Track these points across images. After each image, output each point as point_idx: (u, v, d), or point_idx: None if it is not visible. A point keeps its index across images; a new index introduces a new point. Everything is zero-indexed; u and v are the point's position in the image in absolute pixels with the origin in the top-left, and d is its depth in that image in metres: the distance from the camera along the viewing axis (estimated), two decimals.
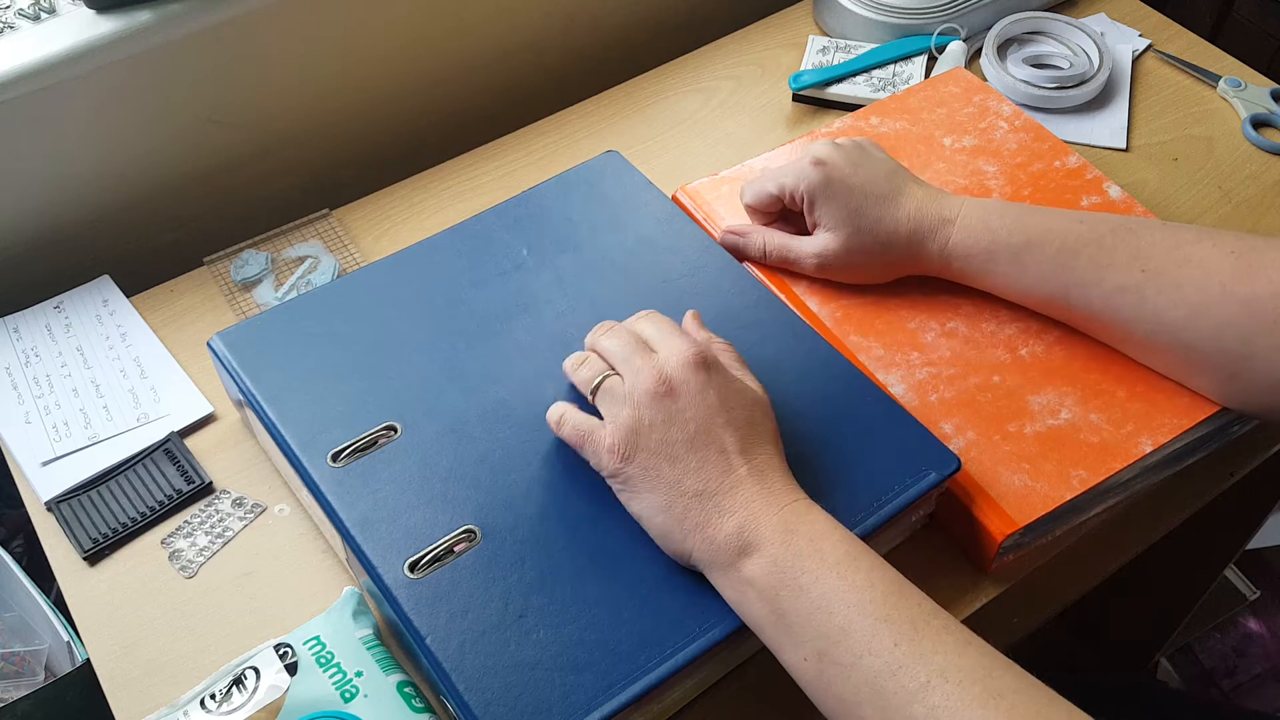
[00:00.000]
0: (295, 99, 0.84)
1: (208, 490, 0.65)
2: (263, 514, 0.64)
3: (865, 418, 0.60)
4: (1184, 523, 0.69)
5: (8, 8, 0.72)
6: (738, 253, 0.70)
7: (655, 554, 0.54)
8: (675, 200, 0.75)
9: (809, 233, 0.68)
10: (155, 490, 0.65)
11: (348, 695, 0.53)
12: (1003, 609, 0.61)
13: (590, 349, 0.58)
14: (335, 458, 0.58)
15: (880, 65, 0.88)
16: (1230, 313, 0.58)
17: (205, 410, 0.69)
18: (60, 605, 0.69)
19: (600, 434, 0.53)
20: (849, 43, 0.91)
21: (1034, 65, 0.88)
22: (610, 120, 0.88)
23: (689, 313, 0.60)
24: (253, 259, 0.77)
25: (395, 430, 0.59)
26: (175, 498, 0.64)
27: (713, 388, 0.53)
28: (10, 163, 0.74)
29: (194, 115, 0.80)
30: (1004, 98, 0.81)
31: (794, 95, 0.88)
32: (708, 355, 0.54)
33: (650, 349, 0.55)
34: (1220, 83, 0.88)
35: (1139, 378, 0.64)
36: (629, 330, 0.56)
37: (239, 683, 0.54)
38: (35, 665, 0.77)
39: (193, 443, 0.67)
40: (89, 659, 0.59)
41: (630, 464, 0.52)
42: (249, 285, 0.76)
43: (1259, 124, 0.85)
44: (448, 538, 0.55)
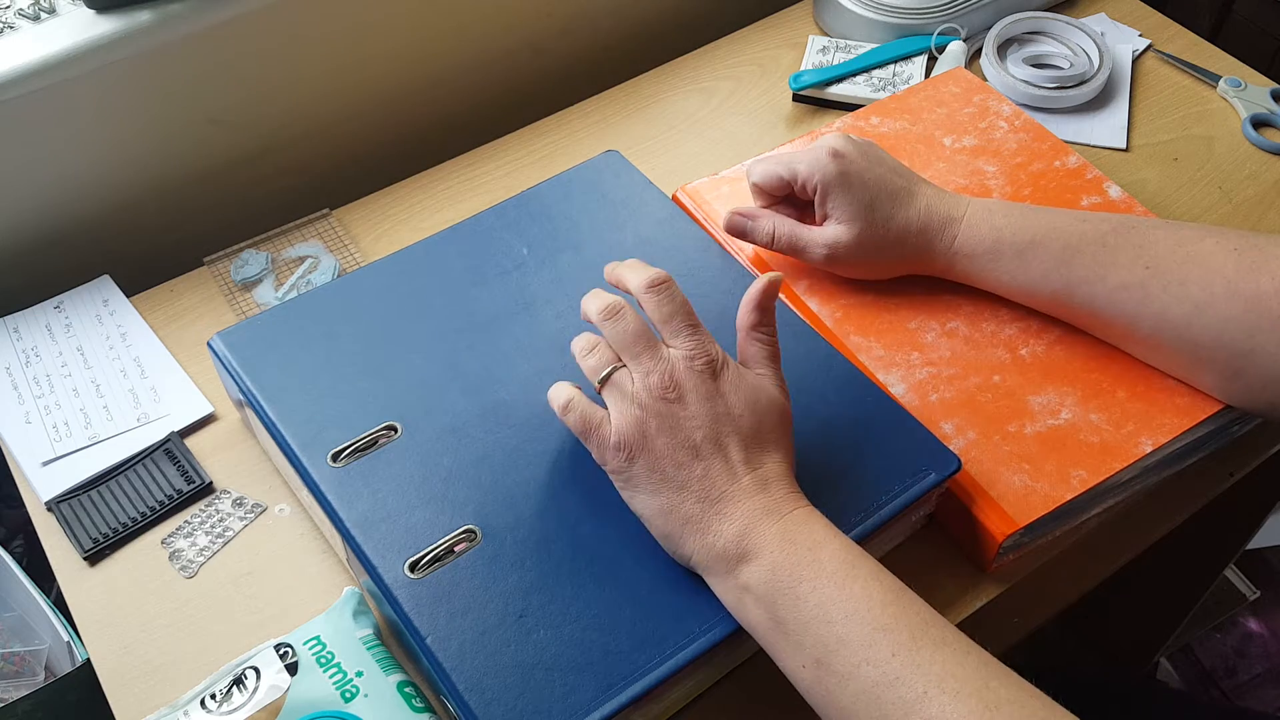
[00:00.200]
0: (295, 99, 0.84)
1: (208, 490, 0.65)
2: (263, 514, 0.64)
3: (865, 418, 0.60)
4: (1184, 523, 0.69)
5: (8, 8, 0.72)
6: (744, 235, 0.68)
7: (655, 555, 0.54)
8: (675, 200, 0.75)
9: (813, 222, 0.68)
10: (155, 490, 0.65)
11: (348, 695, 0.53)
12: (1003, 609, 0.61)
13: (599, 318, 0.54)
14: (335, 458, 0.58)
15: (880, 65, 0.88)
16: (1234, 310, 0.58)
17: (205, 410, 0.69)
18: (60, 605, 0.69)
19: (606, 429, 0.52)
20: (849, 43, 0.91)
21: (1034, 65, 0.88)
22: (610, 120, 0.88)
23: (759, 285, 0.55)
24: (253, 259, 0.77)
25: (395, 430, 0.59)
26: (175, 498, 0.64)
27: (720, 394, 0.52)
28: (10, 163, 0.74)
29: (194, 115, 0.80)
30: (1004, 98, 0.81)
31: (794, 95, 0.88)
32: (715, 357, 0.53)
33: (660, 342, 0.53)
34: (1220, 83, 0.88)
35: (1139, 377, 0.64)
36: (637, 318, 0.54)
37: (239, 683, 0.54)
38: (35, 665, 0.77)
39: (193, 443, 0.67)
40: (89, 659, 0.59)
41: (634, 464, 0.52)
42: (249, 285, 0.76)
43: (1259, 124, 0.85)
44: (448, 538, 0.55)
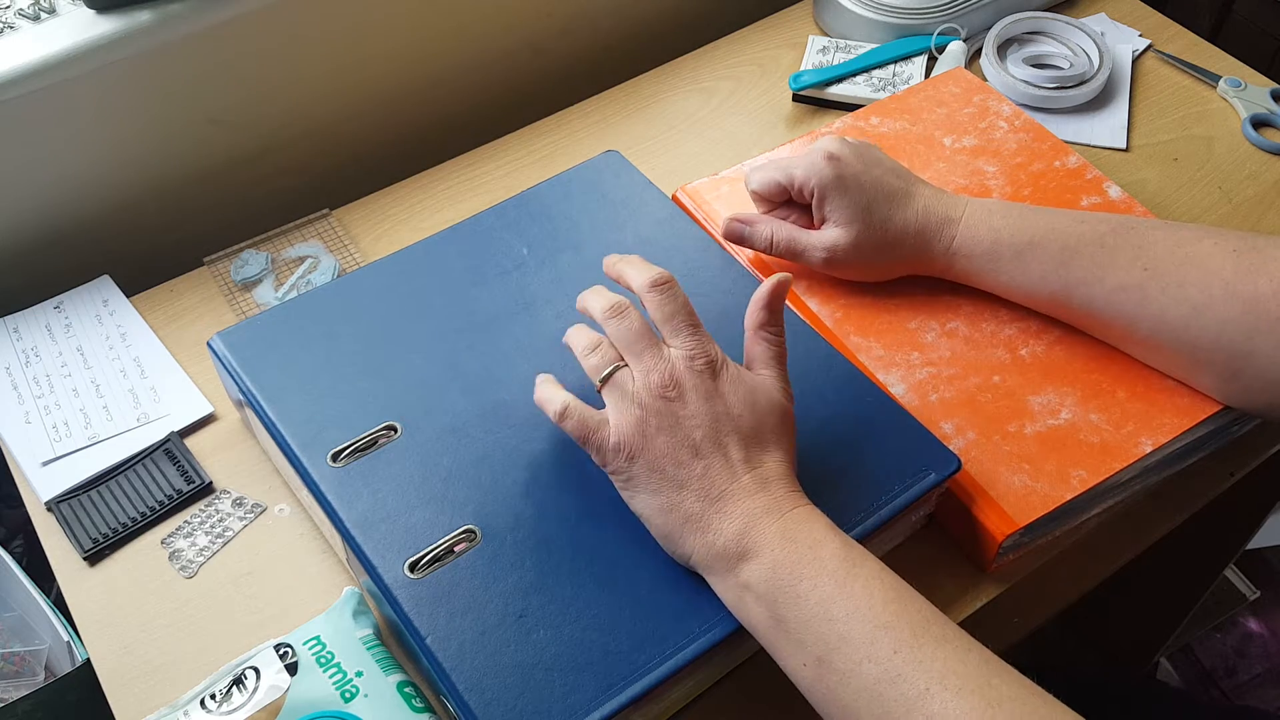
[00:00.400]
0: (295, 99, 0.84)
1: (208, 490, 0.65)
2: (263, 514, 0.64)
3: (865, 418, 0.60)
4: (1184, 523, 0.69)
5: (8, 8, 0.72)
6: (742, 242, 0.68)
7: (655, 554, 0.54)
8: (675, 200, 0.75)
9: (813, 225, 0.68)
10: (155, 490, 0.65)
11: (348, 695, 0.53)
12: (1003, 609, 0.61)
13: (603, 316, 0.54)
14: (335, 458, 0.58)
15: (880, 65, 0.88)
16: (1232, 311, 0.58)
17: (205, 410, 0.69)
18: (60, 605, 0.69)
19: (604, 432, 0.53)
20: (849, 43, 0.91)
21: (1034, 65, 0.88)
22: (610, 120, 0.88)
23: (769, 284, 0.55)
24: (253, 259, 0.77)
25: (395, 430, 0.59)
26: (175, 498, 0.64)
27: (720, 393, 0.52)
28: (10, 163, 0.74)
29: (194, 115, 0.80)
30: (1004, 98, 0.81)
31: (794, 95, 0.88)
32: (715, 357, 0.53)
33: (660, 341, 0.54)
34: (1220, 83, 0.88)
35: (1139, 378, 0.64)
36: (640, 317, 0.54)
37: (239, 683, 0.54)
38: (35, 665, 0.77)
39: (193, 443, 0.67)
40: (89, 659, 0.59)
41: (634, 464, 0.52)
42: (249, 285, 0.76)
43: (1259, 124, 0.85)
44: (448, 538, 0.55)
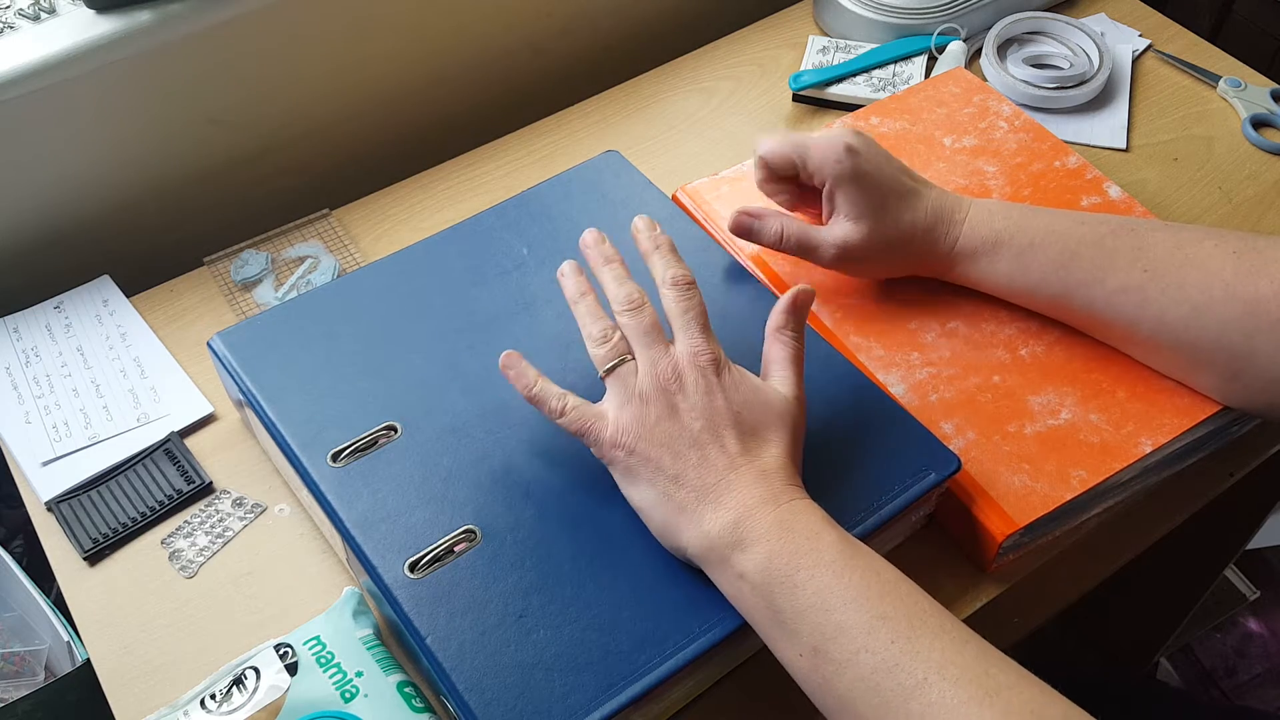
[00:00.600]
0: (295, 99, 0.84)
1: (208, 490, 0.65)
2: (263, 514, 0.64)
3: (865, 418, 0.60)
4: (1184, 523, 0.69)
5: (8, 8, 0.72)
6: (750, 235, 0.67)
7: (655, 554, 0.54)
8: (675, 200, 0.75)
9: (814, 216, 0.67)
10: (155, 490, 0.65)
11: (348, 695, 0.53)
12: (1003, 609, 0.61)
13: (619, 306, 0.56)
14: (335, 458, 0.58)
15: (880, 65, 0.88)
16: (1233, 312, 0.58)
17: (205, 410, 0.69)
18: (60, 605, 0.69)
19: (603, 424, 0.53)
20: (849, 43, 0.91)
21: (1034, 65, 0.88)
22: (610, 120, 0.88)
23: (794, 292, 0.57)
24: (253, 259, 0.77)
25: (395, 430, 0.59)
26: (175, 498, 0.64)
27: (721, 390, 0.53)
28: (10, 163, 0.74)
29: (194, 115, 0.80)
30: (1004, 98, 0.81)
31: (794, 95, 0.88)
32: (720, 358, 0.54)
33: (668, 341, 0.55)
34: (1220, 83, 0.88)
35: (1139, 378, 0.64)
36: (654, 313, 0.55)
37: (239, 683, 0.54)
38: (35, 665, 0.77)
39: (193, 443, 0.67)
40: (89, 659, 0.59)
41: (632, 455, 0.53)
42: (249, 285, 0.76)
43: (1259, 124, 0.85)
44: (448, 538, 0.55)
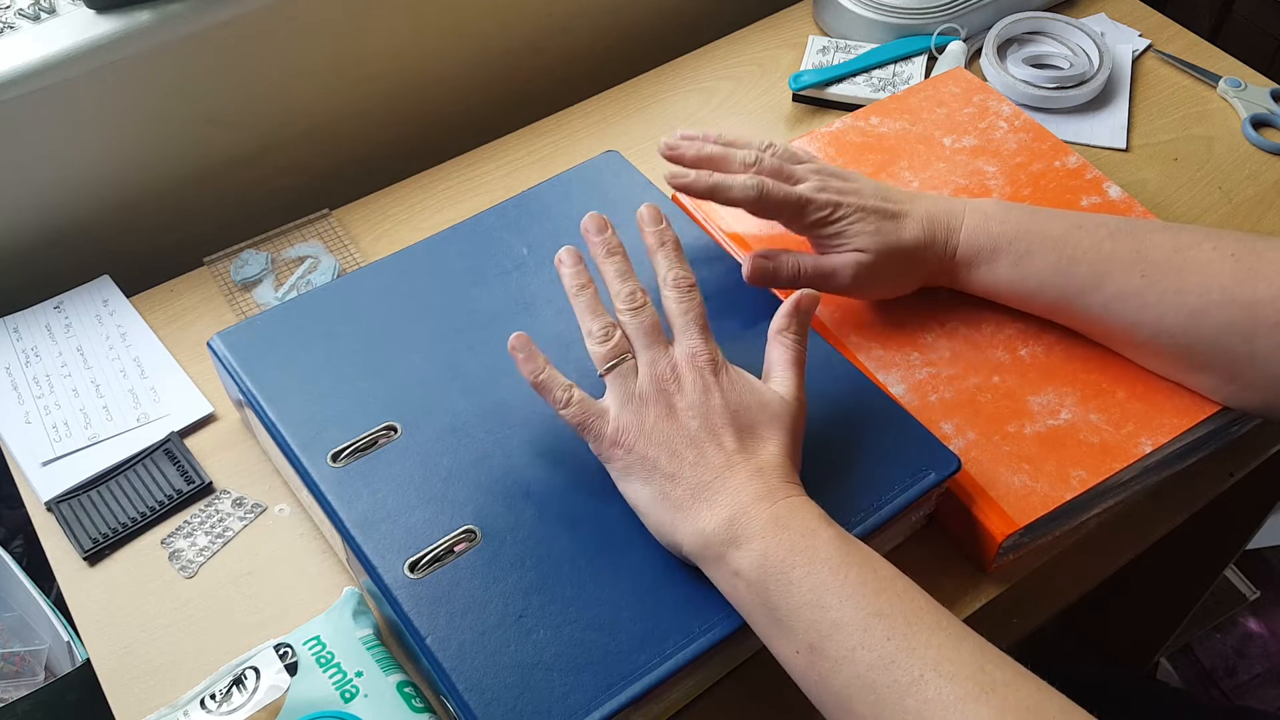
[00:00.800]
0: (295, 99, 0.84)
1: (208, 490, 0.65)
2: (263, 514, 0.64)
3: (865, 418, 0.60)
4: (1184, 523, 0.69)
5: (8, 8, 0.72)
6: (769, 278, 0.65)
7: (655, 554, 0.54)
8: (675, 200, 0.75)
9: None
10: (155, 490, 0.65)
11: (348, 695, 0.53)
12: (1003, 609, 0.61)
13: (621, 304, 0.57)
14: (335, 458, 0.58)
15: (880, 65, 0.88)
16: (1231, 316, 0.58)
17: (205, 410, 0.69)
18: (60, 605, 0.69)
19: (603, 422, 0.54)
20: (849, 43, 0.91)
21: (1034, 65, 0.88)
22: (610, 120, 0.88)
23: (799, 296, 0.57)
24: (253, 259, 0.77)
25: (395, 430, 0.59)
26: (175, 498, 0.64)
27: (719, 390, 0.54)
28: (10, 163, 0.74)
29: (193, 115, 0.80)
30: (1004, 98, 0.81)
31: (794, 95, 0.88)
32: (718, 359, 0.55)
33: (668, 340, 0.56)
34: (1220, 83, 0.88)
35: (1139, 378, 0.64)
36: (654, 313, 0.56)
37: (239, 683, 0.54)
38: (35, 665, 0.77)
39: (193, 443, 0.67)
40: (89, 659, 0.59)
41: (630, 453, 0.53)
42: (249, 285, 0.76)
43: (1259, 124, 0.85)
44: (448, 538, 0.55)
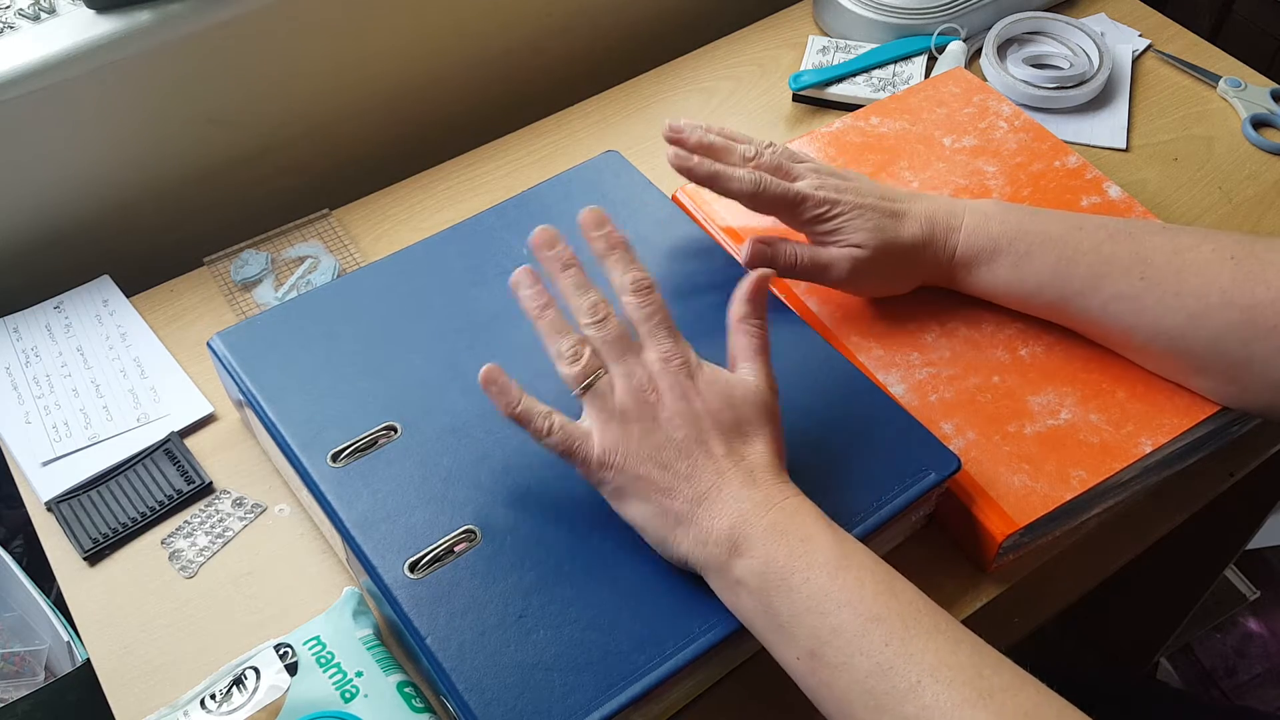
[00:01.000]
0: (295, 99, 0.84)
1: (208, 490, 0.65)
2: (263, 514, 0.64)
3: (865, 418, 0.60)
4: (1184, 523, 0.69)
5: (8, 8, 0.72)
6: (767, 263, 0.65)
7: (655, 555, 0.54)
8: (675, 200, 0.75)
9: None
10: (155, 490, 0.65)
11: (348, 695, 0.53)
12: (1003, 609, 0.61)
13: (584, 318, 0.54)
14: (335, 458, 0.58)
15: (880, 65, 0.88)
16: (1230, 319, 0.58)
17: (205, 410, 0.69)
18: (60, 605, 0.69)
19: (588, 445, 0.52)
20: (849, 43, 0.91)
21: (1034, 65, 0.88)
22: (610, 120, 0.88)
23: (752, 278, 0.56)
24: (253, 259, 0.77)
25: (395, 430, 0.59)
26: (175, 498, 0.64)
27: (698, 392, 0.52)
28: (10, 163, 0.74)
29: (193, 115, 0.80)
30: (1004, 98, 0.81)
31: (794, 95, 0.88)
32: (691, 360, 0.53)
33: (636, 346, 0.54)
34: (1220, 83, 0.88)
35: (1139, 378, 0.64)
36: (619, 323, 0.54)
37: (239, 683, 0.54)
38: (35, 665, 0.77)
39: (193, 443, 0.67)
40: (89, 659, 0.59)
41: (621, 474, 0.52)
42: (249, 285, 0.76)
43: (1259, 124, 0.85)
44: (448, 538, 0.55)
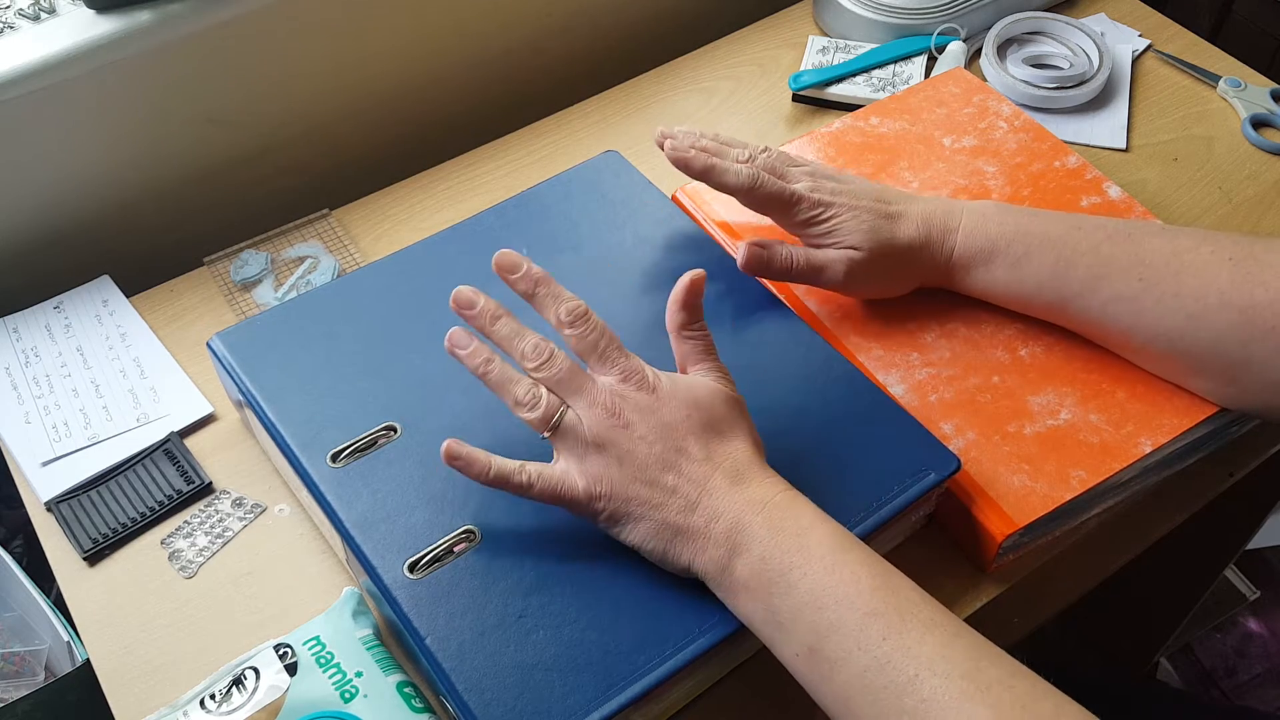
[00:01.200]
0: (295, 99, 0.84)
1: (207, 490, 0.65)
2: (263, 514, 0.64)
3: (865, 418, 0.60)
4: (1184, 523, 0.69)
5: (8, 8, 0.72)
6: (762, 266, 0.65)
7: None
8: (675, 200, 0.75)
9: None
10: (155, 490, 0.65)
11: (347, 695, 0.53)
12: (1003, 609, 0.61)
13: (531, 365, 0.53)
14: (335, 458, 0.58)
15: (880, 65, 0.88)
16: (1228, 320, 0.58)
17: (205, 410, 0.69)
18: (60, 605, 0.69)
19: (570, 482, 0.52)
20: (849, 43, 0.91)
21: (1034, 65, 0.88)
22: (610, 120, 0.88)
23: (681, 285, 0.56)
24: (253, 259, 0.77)
25: (395, 430, 0.59)
26: (175, 498, 0.64)
27: (662, 402, 0.52)
28: (10, 163, 0.74)
29: (193, 115, 0.80)
30: (1004, 98, 0.81)
31: (794, 95, 0.88)
32: (647, 374, 0.53)
33: (589, 375, 0.53)
34: (1220, 83, 0.88)
35: (1138, 378, 0.64)
36: (565, 357, 0.53)
37: (239, 683, 0.54)
38: (35, 665, 0.77)
39: (193, 443, 0.67)
40: (89, 659, 0.59)
41: (611, 502, 0.52)
42: (249, 285, 0.76)
43: (1259, 124, 0.85)
44: (447, 538, 0.55)
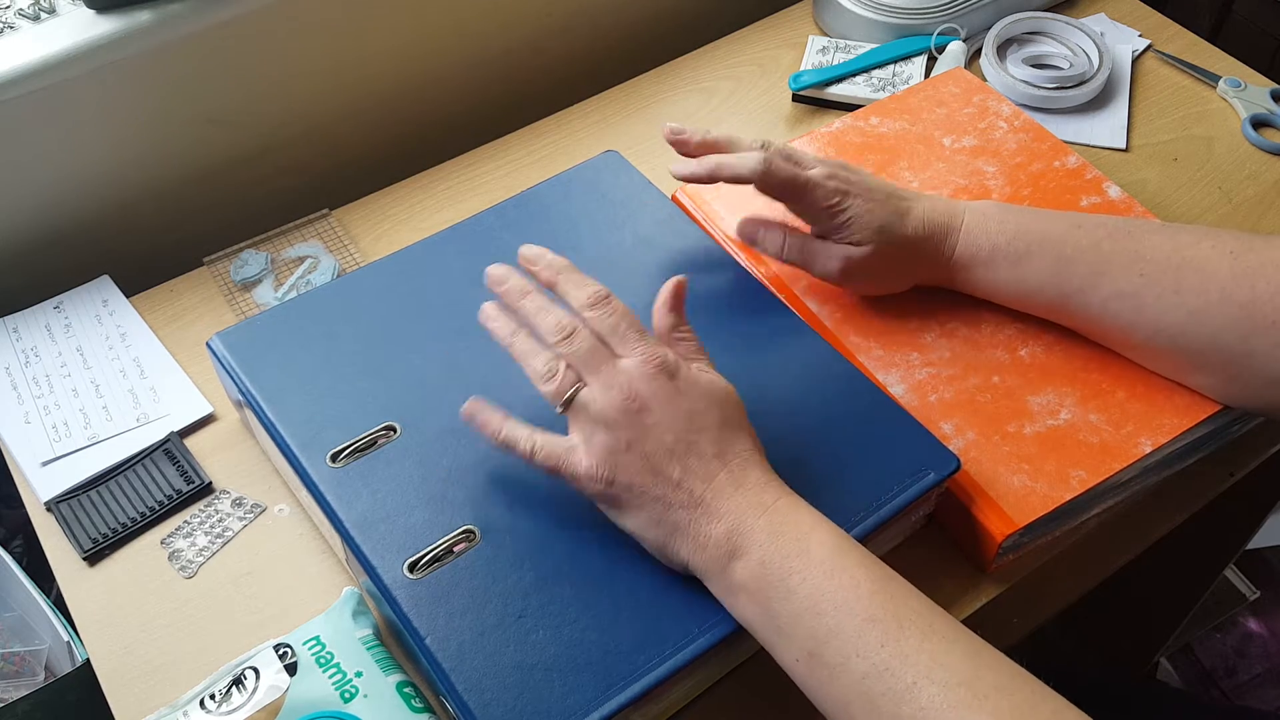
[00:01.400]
0: (295, 99, 0.84)
1: (207, 490, 0.65)
2: (263, 514, 0.64)
3: (865, 418, 0.60)
4: (1184, 523, 0.69)
5: (8, 8, 0.72)
6: (755, 243, 0.67)
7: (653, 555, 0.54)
8: (675, 200, 0.75)
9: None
10: (155, 490, 0.65)
11: (347, 695, 0.53)
12: (1003, 609, 0.61)
13: (553, 338, 0.53)
14: (334, 458, 0.58)
15: (880, 65, 0.88)
16: (1229, 315, 0.58)
17: (205, 410, 0.69)
18: (60, 605, 0.69)
19: (576, 457, 0.52)
20: (849, 43, 0.91)
21: (1034, 65, 0.88)
22: (610, 120, 0.88)
23: (667, 289, 0.56)
24: (253, 259, 0.77)
25: (395, 430, 0.59)
26: (175, 498, 0.64)
27: (681, 392, 0.52)
28: (10, 163, 0.74)
29: (193, 115, 0.80)
30: (1004, 98, 0.81)
31: (794, 95, 0.88)
32: (669, 360, 0.52)
33: (611, 352, 0.53)
34: (1220, 83, 0.88)
35: (1138, 378, 0.64)
36: (589, 334, 0.53)
37: (239, 683, 0.54)
38: (35, 665, 0.77)
39: (193, 443, 0.68)
40: (89, 659, 0.59)
41: (613, 485, 0.51)
42: (249, 285, 0.76)
43: (1259, 124, 0.85)
44: (447, 538, 0.55)
